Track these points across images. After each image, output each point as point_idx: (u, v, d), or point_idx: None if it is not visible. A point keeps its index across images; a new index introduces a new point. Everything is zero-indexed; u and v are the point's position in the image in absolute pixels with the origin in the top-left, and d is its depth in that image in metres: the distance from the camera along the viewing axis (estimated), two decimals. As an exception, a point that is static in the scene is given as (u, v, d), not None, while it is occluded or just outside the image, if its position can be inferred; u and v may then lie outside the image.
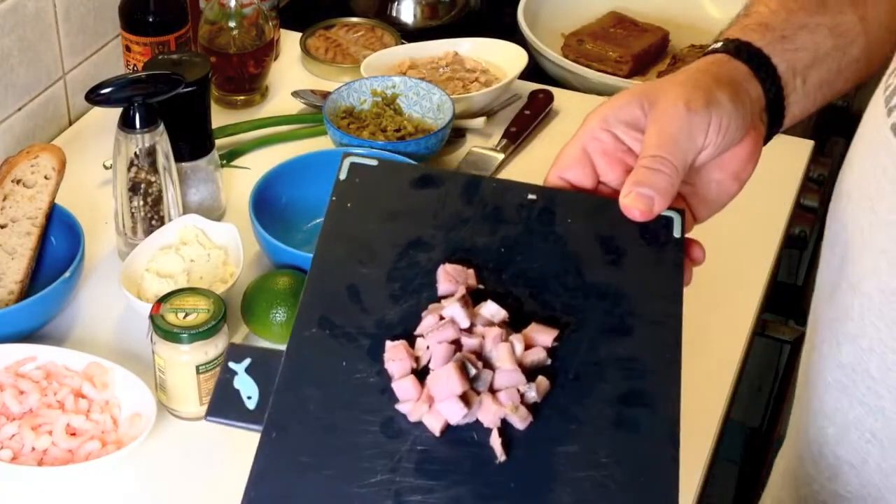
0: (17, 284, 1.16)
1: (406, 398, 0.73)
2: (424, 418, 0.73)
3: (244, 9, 1.46)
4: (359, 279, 0.80)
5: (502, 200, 0.84)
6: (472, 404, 0.73)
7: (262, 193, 1.25)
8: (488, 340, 0.75)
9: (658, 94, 0.80)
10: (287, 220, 1.28)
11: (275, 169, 1.28)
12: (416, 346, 0.76)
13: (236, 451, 1.08)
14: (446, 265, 0.79)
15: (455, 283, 0.78)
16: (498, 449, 0.72)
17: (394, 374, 0.75)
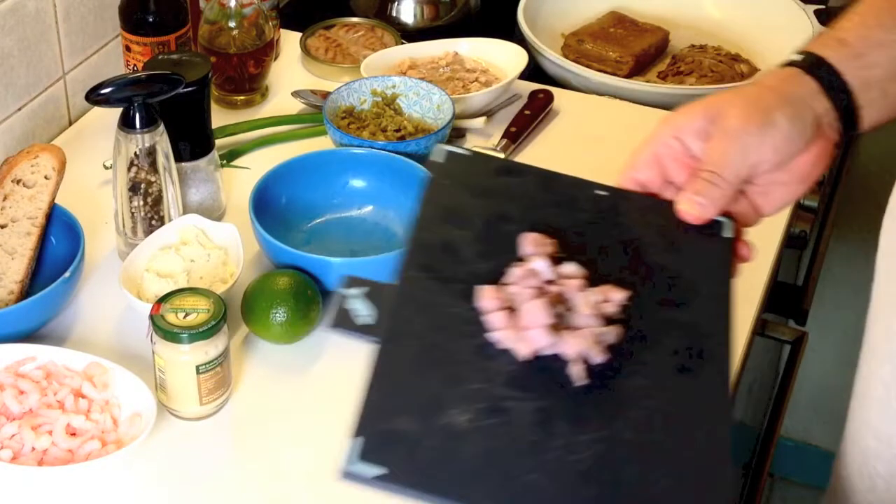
0: (17, 284, 1.16)
1: (496, 325, 0.85)
2: (514, 345, 0.84)
3: (244, 9, 1.46)
4: (453, 238, 0.93)
5: (575, 192, 0.98)
6: (556, 336, 0.85)
7: (262, 193, 1.25)
8: (569, 290, 0.87)
9: (723, 111, 0.90)
10: (287, 220, 1.28)
11: (275, 169, 1.29)
12: (501, 290, 0.87)
13: (236, 452, 1.08)
14: (529, 233, 0.91)
15: (536, 247, 0.91)
16: (578, 374, 0.84)
17: (486, 309, 0.86)
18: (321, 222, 1.31)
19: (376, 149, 1.32)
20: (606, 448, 0.80)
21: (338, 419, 1.11)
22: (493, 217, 0.96)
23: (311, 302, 1.15)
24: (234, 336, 1.17)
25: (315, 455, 1.07)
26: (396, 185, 1.30)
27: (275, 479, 1.05)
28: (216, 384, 1.08)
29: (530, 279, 0.89)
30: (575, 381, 0.84)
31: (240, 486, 1.05)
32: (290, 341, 1.16)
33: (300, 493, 1.04)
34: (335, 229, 1.31)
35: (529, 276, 0.89)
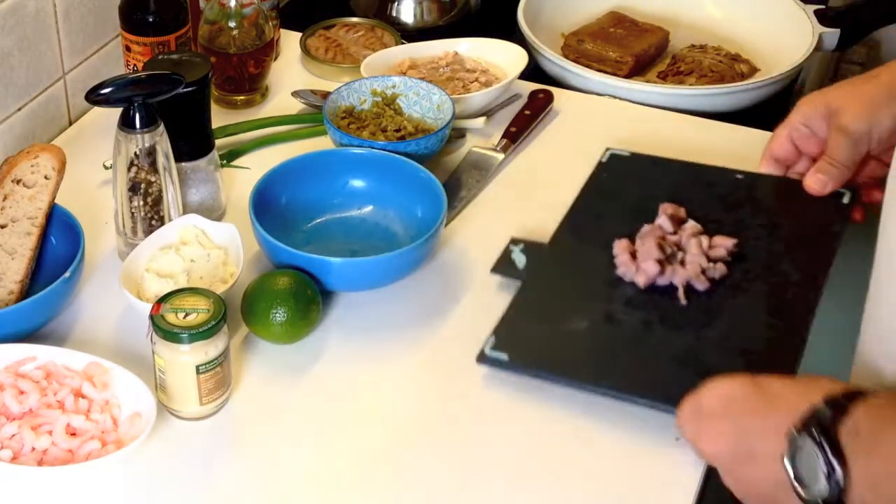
0: (17, 284, 1.16)
1: (622, 264, 1.17)
2: (635, 277, 1.16)
3: (244, 9, 1.46)
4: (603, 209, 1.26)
5: (717, 177, 1.29)
6: (666, 271, 1.15)
7: (262, 193, 1.25)
8: (684, 236, 1.18)
9: (840, 108, 1.16)
10: (287, 220, 1.28)
11: (275, 169, 1.29)
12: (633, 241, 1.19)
13: (236, 451, 1.08)
14: (665, 203, 1.22)
15: (666, 211, 1.21)
16: (681, 294, 1.13)
17: (617, 255, 1.18)
18: (321, 222, 1.31)
19: (376, 149, 1.32)
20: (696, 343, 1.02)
21: (337, 419, 1.11)
22: (641, 195, 1.25)
23: (311, 302, 1.15)
24: (234, 336, 1.17)
25: (315, 455, 1.07)
26: (396, 185, 1.30)
27: (275, 479, 1.05)
28: (216, 384, 1.08)
29: (654, 231, 1.19)
30: (681, 301, 1.13)
31: (240, 486, 1.05)
32: (290, 341, 1.16)
33: (300, 493, 1.04)
34: (335, 229, 1.31)
35: (655, 230, 1.19)
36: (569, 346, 1.11)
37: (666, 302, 1.13)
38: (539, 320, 1.13)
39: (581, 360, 1.10)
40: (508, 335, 1.11)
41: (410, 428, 1.10)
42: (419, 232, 1.24)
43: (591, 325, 1.12)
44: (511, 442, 1.08)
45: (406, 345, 1.18)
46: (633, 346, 1.10)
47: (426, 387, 1.14)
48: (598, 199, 1.27)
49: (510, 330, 1.12)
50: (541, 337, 1.11)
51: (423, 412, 1.11)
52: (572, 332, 1.11)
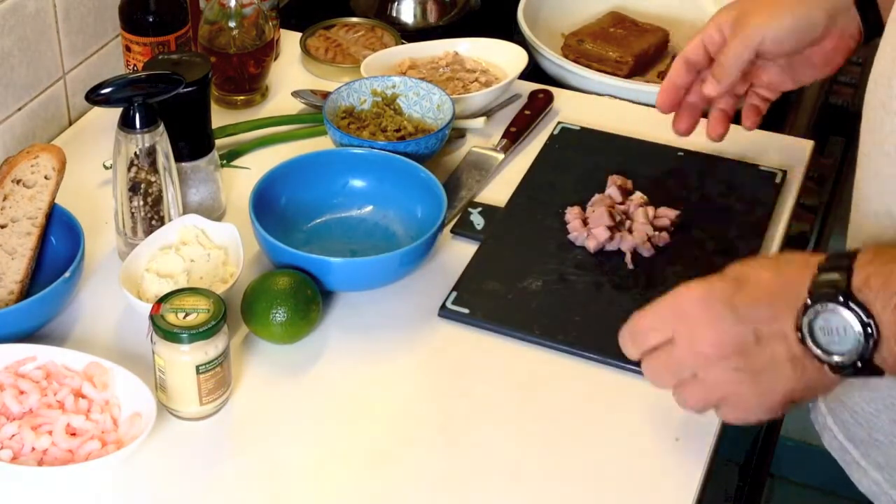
0: (17, 284, 1.16)
1: (574, 229, 1.26)
2: (585, 242, 1.25)
3: (244, 9, 1.46)
4: (555, 179, 1.35)
5: (661, 152, 1.39)
6: (615, 237, 1.24)
7: (262, 193, 1.25)
8: (631, 206, 1.28)
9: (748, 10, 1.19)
10: (287, 220, 1.28)
11: (275, 169, 1.29)
12: (584, 209, 1.28)
13: (236, 451, 1.08)
14: (614, 175, 1.32)
15: (615, 182, 1.31)
16: (629, 260, 1.23)
17: (569, 220, 1.27)
18: (321, 222, 1.31)
19: (376, 149, 1.32)
20: (643, 303, 1.00)
21: (338, 419, 1.11)
22: (591, 167, 1.35)
23: (311, 302, 1.15)
24: (234, 336, 1.17)
25: (315, 455, 1.07)
26: (396, 185, 1.30)
27: (275, 478, 1.05)
28: (216, 384, 1.08)
29: (604, 199, 1.28)
30: (628, 265, 1.23)
31: (240, 486, 1.05)
32: (290, 341, 1.16)
33: (300, 493, 1.04)
34: (335, 229, 1.31)
35: (605, 199, 1.28)
36: (525, 303, 1.19)
37: (614, 266, 1.23)
38: (496, 278, 1.21)
39: (536, 317, 1.17)
40: (469, 291, 1.20)
41: (410, 427, 1.10)
42: (419, 232, 1.24)
43: (545, 284, 1.21)
44: (511, 442, 1.08)
45: (406, 345, 1.18)
46: (584, 305, 1.19)
47: (426, 386, 1.14)
48: (551, 169, 1.37)
49: (470, 286, 1.20)
50: (498, 294, 1.19)
51: (423, 411, 1.11)
52: (528, 290, 1.20)
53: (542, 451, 1.08)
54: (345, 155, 1.32)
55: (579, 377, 1.14)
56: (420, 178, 1.28)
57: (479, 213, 1.30)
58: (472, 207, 1.30)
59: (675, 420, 1.09)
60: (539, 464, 1.06)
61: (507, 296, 1.19)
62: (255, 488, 1.04)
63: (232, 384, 1.11)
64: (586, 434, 1.09)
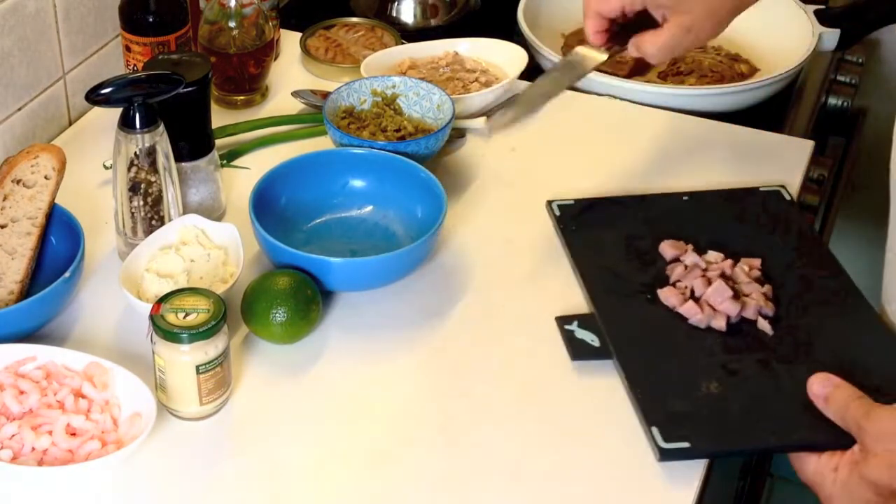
0: (17, 284, 1.16)
1: (692, 314, 1.16)
2: (711, 322, 1.16)
3: (244, 9, 1.46)
4: (609, 264, 1.24)
5: (666, 202, 1.33)
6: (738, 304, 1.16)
7: (262, 193, 1.25)
8: (725, 268, 1.21)
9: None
10: (287, 220, 1.28)
11: (275, 169, 1.28)
12: (677, 287, 1.20)
13: (236, 451, 1.08)
14: (665, 241, 1.25)
15: (677, 249, 1.24)
16: (766, 327, 1.16)
17: (674, 305, 1.18)
18: (321, 222, 1.31)
19: (376, 149, 1.32)
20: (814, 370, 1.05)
21: (338, 419, 1.11)
22: (626, 240, 1.27)
23: (311, 302, 1.15)
24: (234, 336, 1.17)
25: (315, 455, 1.07)
26: (396, 185, 1.30)
27: (275, 478, 1.05)
28: (216, 384, 1.08)
29: (695, 270, 1.20)
30: (768, 332, 1.16)
31: (240, 486, 1.05)
32: (290, 341, 1.16)
33: (300, 493, 1.04)
34: (335, 229, 1.31)
35: (691, 269, 1.21)
36: (726, 412, 1.08)
37: (754, 336, 1.16)
38: (672, 396, 1.09)
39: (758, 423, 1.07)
40: (666, 421, 1.06)
41: (410, 427, 1.10)
42: (419, 232, 1.24)
43: (721, 383, 1.10)
44: (511, 442, 1.08)
45: (406, 345, 1.18)
46: (779, 390, 1.10)
47: (426, 386, 1.14)
48: (594, 255, 1.26)
49: (660, 416, 1.07)
50: (694, 413, 1.07)
51: (423, 411, 1.11)
52: (713, 396, 1.09)
53: (542, 451, 1.08)
54: (345, 155, 1.32)
55: (579, 377, 1.14)
56: (420, 178, 1.28)
57: (582, 329, 1.17)
58: (567, 324, 1.17)
59: (675, 420, 1.09)
60: (539, 464, 1.06)
61: (702, 412, 1.07)
62: (255, 488, 1.04)
63: (232, 384, 1.11)
64: (586, 434, 1.09)
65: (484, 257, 1.28)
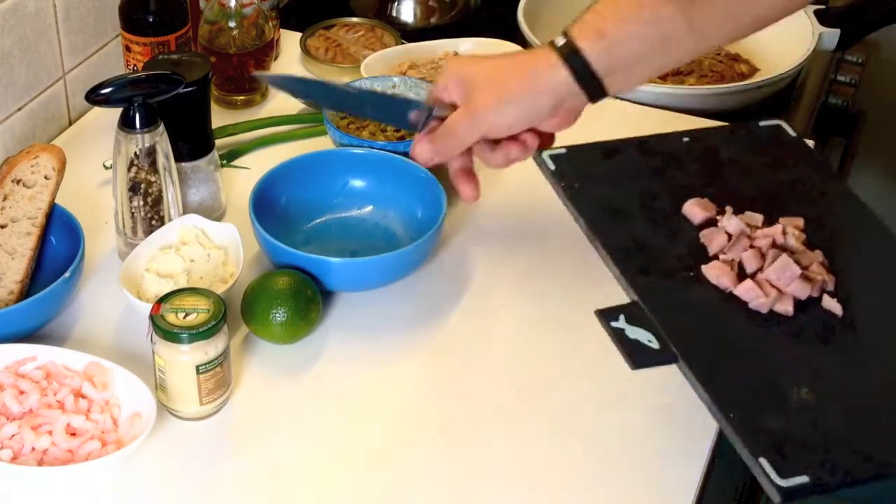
0: (17, 284, 1.16)
1: (753, 297, 0.98)
2: (778, 305, 0.98)
3: (244, 9, 1.46)
4: (632, 232, 1.06)
5: (670, 147, 1.17)
6: (806, 283, 0.99)
7: (262, 193, 1.25)
8: (776, 235, 1.03)
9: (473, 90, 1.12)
10: (287, 220, 1.28)
11: (275, 169, 1.28)
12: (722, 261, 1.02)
13: (236, 451, 1.08)
14: (689, 202, 1.09)
15: (708, 211, 1.07)
16: (836, 307, 0.99)
17: (727, 286, 0.99)
18: (321, 222, 1.31)
19: (376, 149, 1.32)
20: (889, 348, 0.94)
21: (338, 419, 1.11)
22: (641, 198, 1.12)
23: (311, 302, 1.15)
24: (234, 336, 1.17)
25: (315, 455, 1.07)
26: (396, 185, 1.30)
27: (275, 478, 1.05)
28: (216, 384, 1.08)
29: (741, 241, 1.03)
30: (837, 312, 0.99)
31: (240, 486, 1.05)
32: (290, 341, 1.16)
33: (300, 493, 1.04)
34: (335, 229, 1.30)
35: (737, 238, 1.03)
36: (830, 422, 0.92)
37: (821, 322, 0.99)
38: (767, 411, 0.92)
39: (872, 435, 0.92)
40: (773, 450, 0.89)
41: (410, 428, 1.10)
42: (419, 232, 1.24)
43: (813, 389, 0.94)
44: (511, 442, 1.08)
45: (406, 345, 1.18)
46: (876, 392, 0.95)
47: (426, 387, 1.14)
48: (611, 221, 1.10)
49: (764, 439, 0.90)
50: (796, 431, 0.91)
51: (423, 411, 1.11)
52: (809, 406, 0.93)
53: (542, 451, 1.08)
54: (345, 155, 1.32)
55: (579, 377, 1.14)
56: (420, 177, 1.28)
57: (632, 325, 0.97)
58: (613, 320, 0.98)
59: (676, 420, 1.09)
60: (539, 464, 1.06)
61: (803, 429, 0.91)
62: (255, 488, 1.04)
63: (232, 384, 1.11)
64: (587, 434, 1.09)
65: (484, 256, 1.28)
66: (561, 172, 1.15)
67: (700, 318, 0.99)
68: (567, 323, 1.19)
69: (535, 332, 1.19)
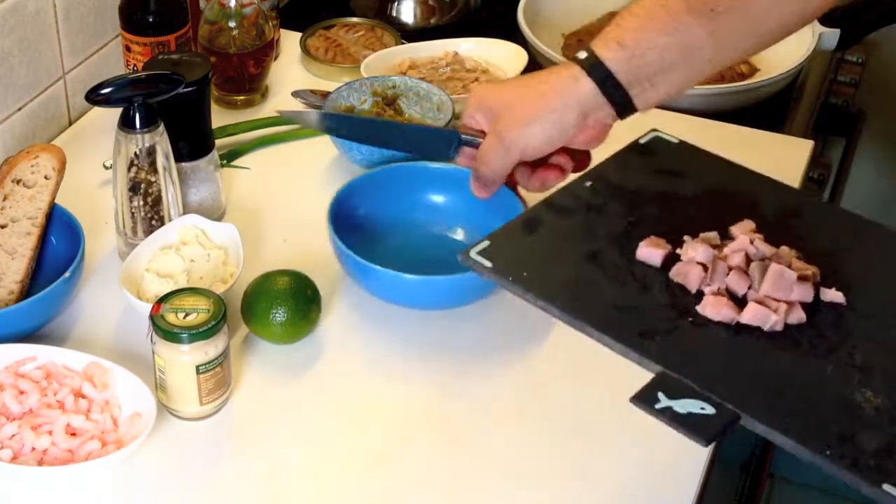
0: (17, 284, 1.16)
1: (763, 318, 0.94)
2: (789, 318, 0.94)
3: (244, 9, 1.46)
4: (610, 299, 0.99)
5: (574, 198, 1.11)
6: None
7: (340, 205, 1.22)
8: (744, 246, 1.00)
9: (499, 114, 1.14)
10: (365, 234, 1.24)
11: (352, 182, 1.25)
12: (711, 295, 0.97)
13: (236, 451, 1.08)
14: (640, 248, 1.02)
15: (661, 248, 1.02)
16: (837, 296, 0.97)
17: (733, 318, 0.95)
18: (397, 238, 1.27)
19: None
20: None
21: (338, 419, 1.11)
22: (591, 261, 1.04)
23: (311, 302, 1.15)
24: (234, 336, 1.17)
25: (315, 455, 1.07)
26: (475, 203, 1.22)
27: (275, 478, 1.05)
28: (216, 384, 1.08)
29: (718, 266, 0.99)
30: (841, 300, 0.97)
31: (240, 486, 1.05)
32: (290, 341, 1.16)
33: (300, 493, 1.04)
34: (412, 245, 1.27)
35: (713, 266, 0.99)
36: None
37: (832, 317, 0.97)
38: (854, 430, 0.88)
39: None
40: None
41: (410, 428, 1.10)
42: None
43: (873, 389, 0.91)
44: (511, 442, 1.08)
45: (406, 344, 1.18)
46: None
47: (426, 386, 1.14)
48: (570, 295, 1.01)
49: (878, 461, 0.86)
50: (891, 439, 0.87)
51: (423, 411, 1.11)
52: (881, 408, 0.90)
53: (542, 451, 1.08)
54: (425, 170, 1.28)
55: (579, 377, 1.14)
56: (501, 196, 1.21)
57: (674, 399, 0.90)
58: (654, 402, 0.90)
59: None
60: (539, 464, 1.06)
61: None
62: (255, 488, 1.04)
63: (232, 384, 1.11)
64: (586, 434, 1.09)
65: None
66: (499, 267, 1.02)
67: (731, 364, 0.93)
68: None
69: (534, 331, 1.19)
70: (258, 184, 1.38)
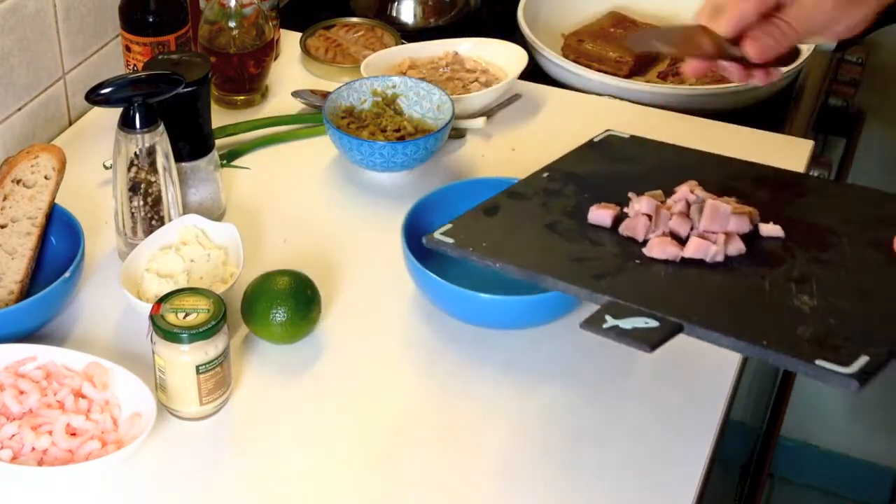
0: (17, 284, 1.16)
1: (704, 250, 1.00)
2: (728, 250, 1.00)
3: (244, 9, 1.46)
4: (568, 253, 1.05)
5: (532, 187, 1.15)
6: None
7: (415, 218, 1.20)
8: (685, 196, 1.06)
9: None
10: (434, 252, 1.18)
11: (429, 195, 1.24)
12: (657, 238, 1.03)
13: (236, 451, 1.08)
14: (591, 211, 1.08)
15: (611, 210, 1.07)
16: (775, 230, 1.03)
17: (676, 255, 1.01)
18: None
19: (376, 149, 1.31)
20: None
21: (338, 419, 1.11)
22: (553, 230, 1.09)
23: (311, 302, 1.15)
24: (234, 336, 1.17)
25: (315, 455, 1.07)
26: None
27: (275, 479, 1.05)
28: (216, 384, 1.08)
29: (660, 215, 1.04)
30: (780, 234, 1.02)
31: (240, 486, 1.05)
32: (290, 341, 1.16)
33: (300, 493, 1.04)
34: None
35: (657, 215, 1.04)
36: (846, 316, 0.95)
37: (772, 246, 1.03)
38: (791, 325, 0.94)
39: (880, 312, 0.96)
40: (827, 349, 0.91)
41: (410, 427, 1.10)
42: None
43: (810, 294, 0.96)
44: (511, 442, 1.08)
45: (406, 344, 1.18)
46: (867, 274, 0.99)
47: (426, 386, 1.14)
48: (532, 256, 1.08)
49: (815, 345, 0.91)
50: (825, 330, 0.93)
51: (423, 411, 1.11)
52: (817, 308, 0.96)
53: (541, 451, 1.08)
54: (499, 184, 1.22)
55: (579, 377, 1.14)
56: None
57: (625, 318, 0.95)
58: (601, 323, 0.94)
59: (676, 419, 1.09)
60: (539, 464, 1.06)
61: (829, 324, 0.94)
62: (255, 488, 1.04)
63: (232, 384, 1.11)
64: (586, 434, 1.09)
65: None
66: (462, 242, 1.08)
67: (674, 290, 0.99)
68: (566, 323, 1.19)
69: (535, 332, 1.19)
70: (258, 184, 1.38)
